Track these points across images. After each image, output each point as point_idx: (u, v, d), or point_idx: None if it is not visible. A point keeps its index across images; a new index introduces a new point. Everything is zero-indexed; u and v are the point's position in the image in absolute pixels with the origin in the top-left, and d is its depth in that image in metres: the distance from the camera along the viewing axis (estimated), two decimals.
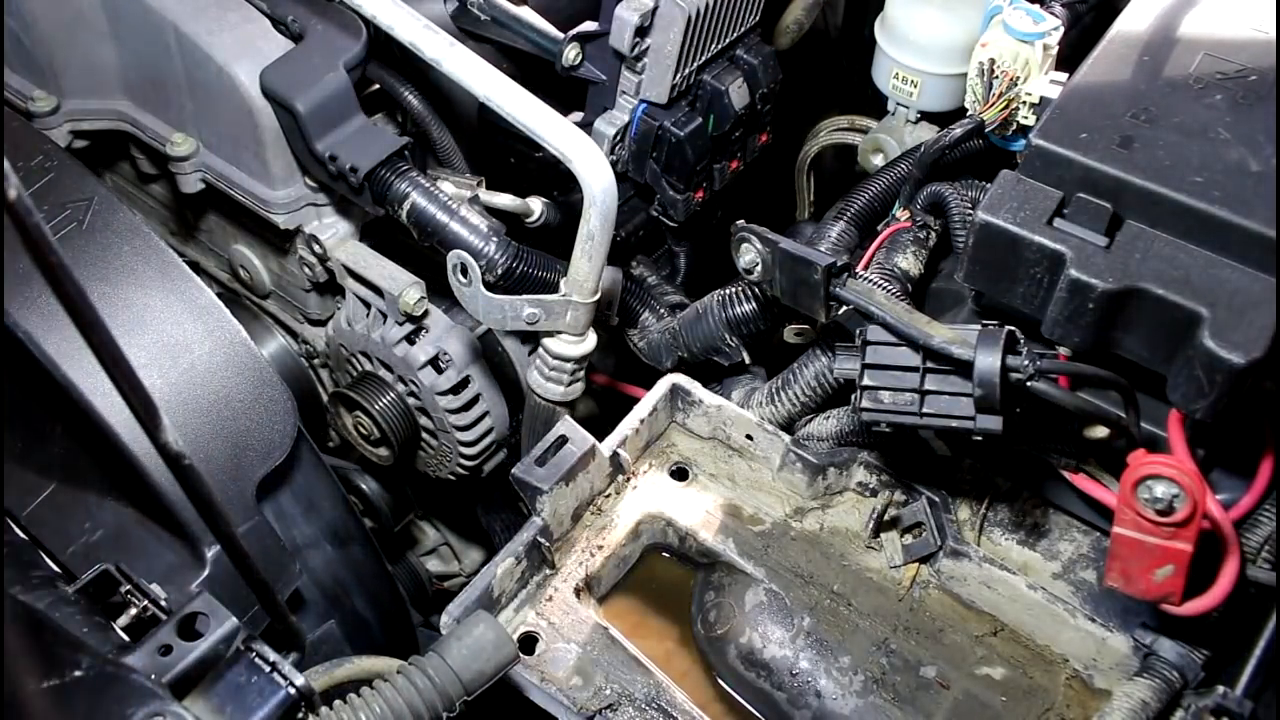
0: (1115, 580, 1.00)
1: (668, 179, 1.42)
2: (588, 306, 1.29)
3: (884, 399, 1.06)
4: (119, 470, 1.17)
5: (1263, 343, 0.89)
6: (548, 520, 1.16)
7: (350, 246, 1.42)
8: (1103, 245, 0.98)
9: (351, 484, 1.65)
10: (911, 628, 1.15)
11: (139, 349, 1.18)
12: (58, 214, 1.22)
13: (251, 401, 1.22)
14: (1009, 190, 1.04)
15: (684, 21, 1.28)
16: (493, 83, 1.22)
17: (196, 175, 1.40)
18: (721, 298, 1.35)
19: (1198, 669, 1.05)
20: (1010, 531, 1.21)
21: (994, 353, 0.98)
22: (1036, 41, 1.21)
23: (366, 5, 1.27)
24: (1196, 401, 0.93)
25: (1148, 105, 1.04)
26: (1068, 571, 1.18)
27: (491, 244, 1.28)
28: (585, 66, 1.37)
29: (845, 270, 1.13)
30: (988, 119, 1.26)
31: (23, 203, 0.68)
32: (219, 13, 1.33)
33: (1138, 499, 0.95)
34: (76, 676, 0.93)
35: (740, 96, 1.43)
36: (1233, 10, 1.13)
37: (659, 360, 1.45)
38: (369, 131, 1.31)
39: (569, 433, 1.18)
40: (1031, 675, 1.12)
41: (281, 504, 1.28)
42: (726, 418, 1.28)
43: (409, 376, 1.41)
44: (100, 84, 1.43)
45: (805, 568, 1.20)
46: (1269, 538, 1.04)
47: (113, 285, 1.20)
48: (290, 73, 1.28)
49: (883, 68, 1.54)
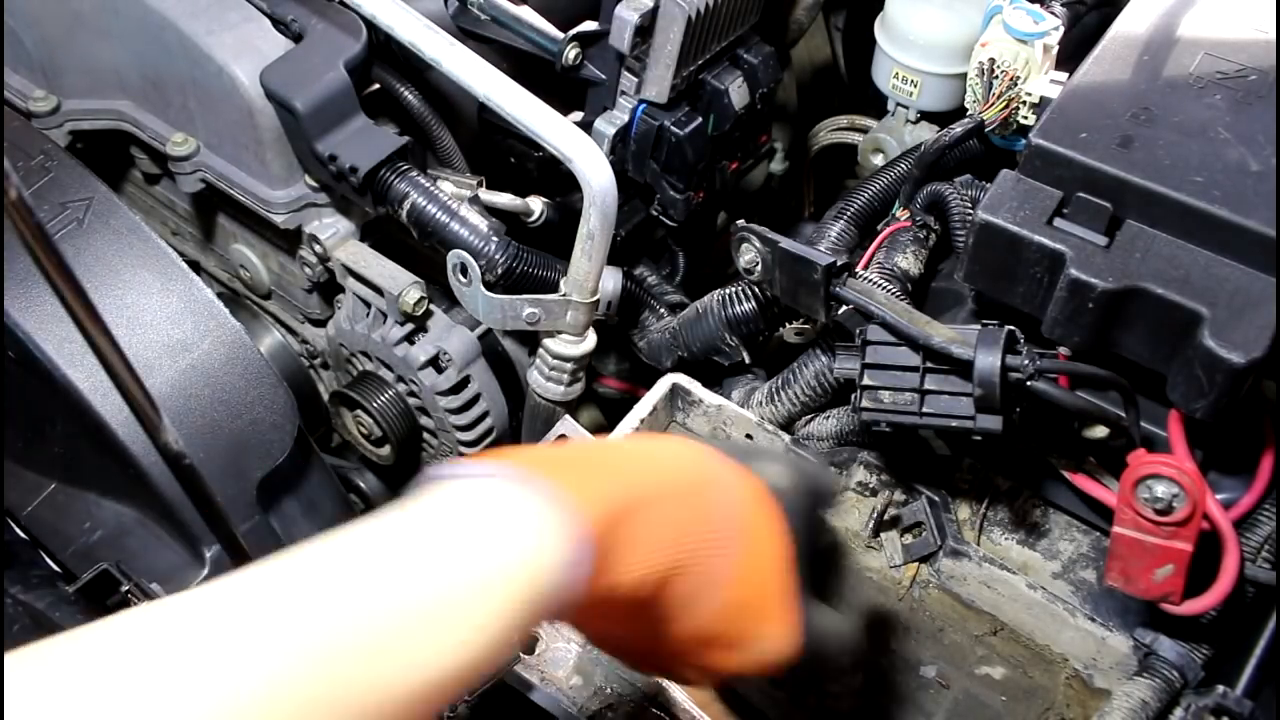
0: (1115, 580, 1.00)
1: (668, 179, 1.42)
2: (588, 306, 1.29)
3: (884, 399, 1.06)
4: (119, 470, 1.17)
5: (1263, 342, 0.89)
6: None
7: (350, 246, 1.42)
8: (1103, 245, 0.98)
9: (351, 483, 1.65)
10: (911, 627, 1.15)
11: (139, 348, 1.18)
12: (58, 214, 1.22)
13: (251, 401, 1.22)
14: (1009, 190, 1.04)
15: (684, 21, 1.28)
16: (493, 83, 1.22)
17: (196, 175, 1.40)
18: (721, 297, 1.35)
19: (1198, 668, 1.05)
20: (1010, 531, 1.21)
21: (994, 352, 0.98)
22: (1036, 41, 1.21)
23: (366, 5, 1.27)
24: (1196, 401, 0.93)
25: (1148, 105, 1.04)
26: (1067, 571, 1.18)
27: (491, 244, 1.28)
28: (585, 66, 1.37)
29: (845, 270, 1.13)
30: (988, 119, 1.26)
31: (23, 202, 0.68)
32: (219, 12, 1.33)
33: (1137, 498, 0.95)
34: None
35: (740, 96, 1.43)
36: (1233, 10, 1.13)
37: (659, 360, 1.45)
38: (369, 131, 1.31)
39: (569, 432, 1.18)
40: (1031, 675, 1.12)
41: (282, 504, 1.28)
42: (726, 417, 1.28)
43: (409, 376, 1.41)
44: (100, 84, 1.43)
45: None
46: (1269, 537, 1.04)
47: (112, 284, 1.20)
48: (290, 72, 1.28)
49: (883, 68, 1.54)
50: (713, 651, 0.77)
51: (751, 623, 0.76)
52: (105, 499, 1.26)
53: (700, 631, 0.75)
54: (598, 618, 0.74)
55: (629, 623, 0.74)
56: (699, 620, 0.74)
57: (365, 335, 1.42)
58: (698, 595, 0.73)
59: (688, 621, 0.74)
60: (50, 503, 1.26)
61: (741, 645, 0.77)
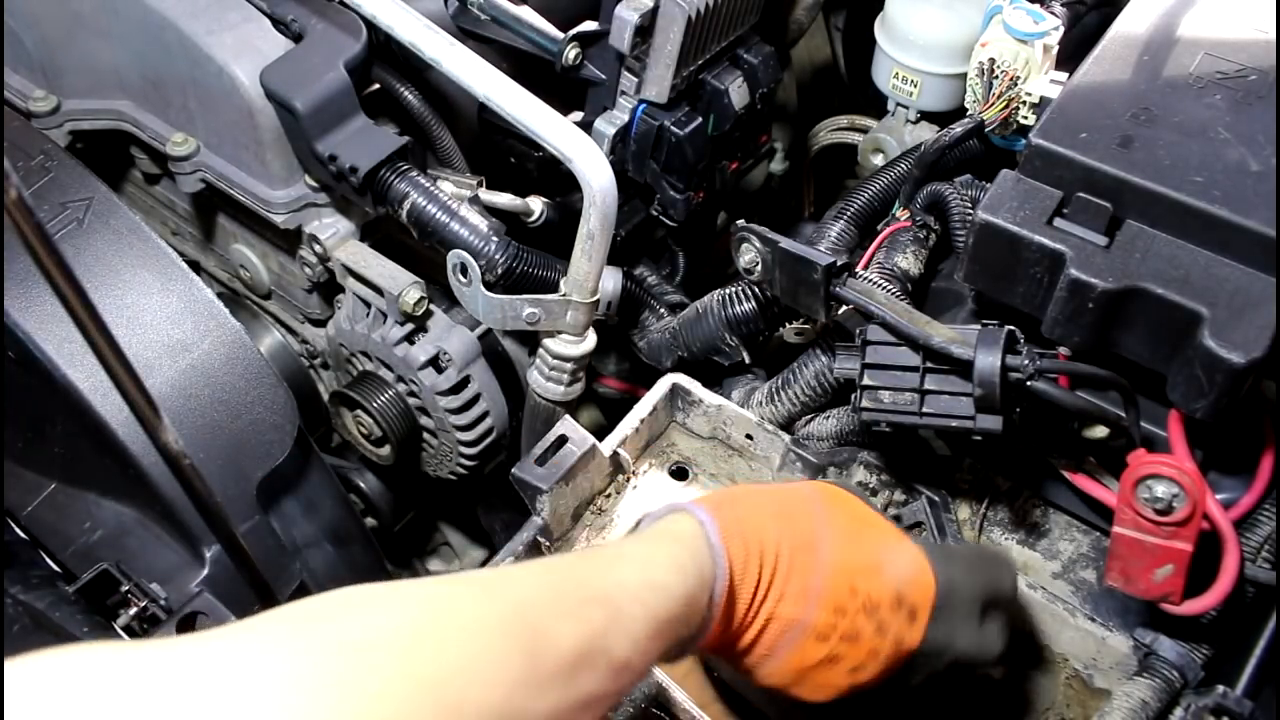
0: (1115, 580, 1.00)
1: (668, 179, 1.42)
2: (588, 306, 1.29)
3: (884, 399, 1.06)
4: (119, 470, 1.17)
5: (1263, 342, 0.89)
6: (548, 520, 1.16)
7: (350, 246, 1.42)
8: (1103, 245, 0.98)
9: (351, 483, 1.65)
10: None
11: (139, 348, 1.18)
12: (58, 214, 1.22)
13: (252, 401, 1.22)
14: (1009, 190, 1.04)
15: (684, 21, 1.28)
16: (493, 83, 1.22)
17: (196, 175, 1.40)
18: (721, 297, 1.35)
19: (1198, 668, 1.05)
20: (1010, 531, 1.21)
21: (994, 352, 0.98)
22: (1036, 41, 1.21)
23: (366, 5, 1.27)
24: (1196, 401, 0.93)
25: (1148, 105, 1.04)
26: (1068, 571, 1.18)
27: (491, 244, 1.28)
28: (585, 66, 1.37)
29: (845, 270, 1.13)
30: (988, 119, 1.26)
31: (23, 202, 0.68)
32: (219, 12, 1.33)
33: (1137, 498, 0.95)
34: None
35: (740, 96, 1.43)
36: (1233, 10, 1.13)
37: (659, 360, 1.45)
38: (369, 131, 1.31)
39: (569, 432, 1.18)
40: (1031, 675, 1.12)
41: (282, 504, 1.29)
42: (726, 417, 1.27)
43: (409, 376, 1.41)
44: (100, 84, 1.43)
45: None
46: (1269, 537, 1.04)
47: (112, 284, 1.20)
48: (290, 72, 1.28)
49: (883, 68, 1.54)
50: (859, 577, 0.91)
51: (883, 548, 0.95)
52: (105, 499, 1.26)
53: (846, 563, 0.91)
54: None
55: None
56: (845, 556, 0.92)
57: (365, 335, 1.42)
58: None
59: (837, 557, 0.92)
60: (50, 503, 1.26)
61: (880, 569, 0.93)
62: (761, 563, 0.87)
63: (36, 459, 1.28)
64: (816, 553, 0.90)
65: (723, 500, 0.92)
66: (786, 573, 0.88)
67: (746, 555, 0.87)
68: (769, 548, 0.88)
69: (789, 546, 0.89)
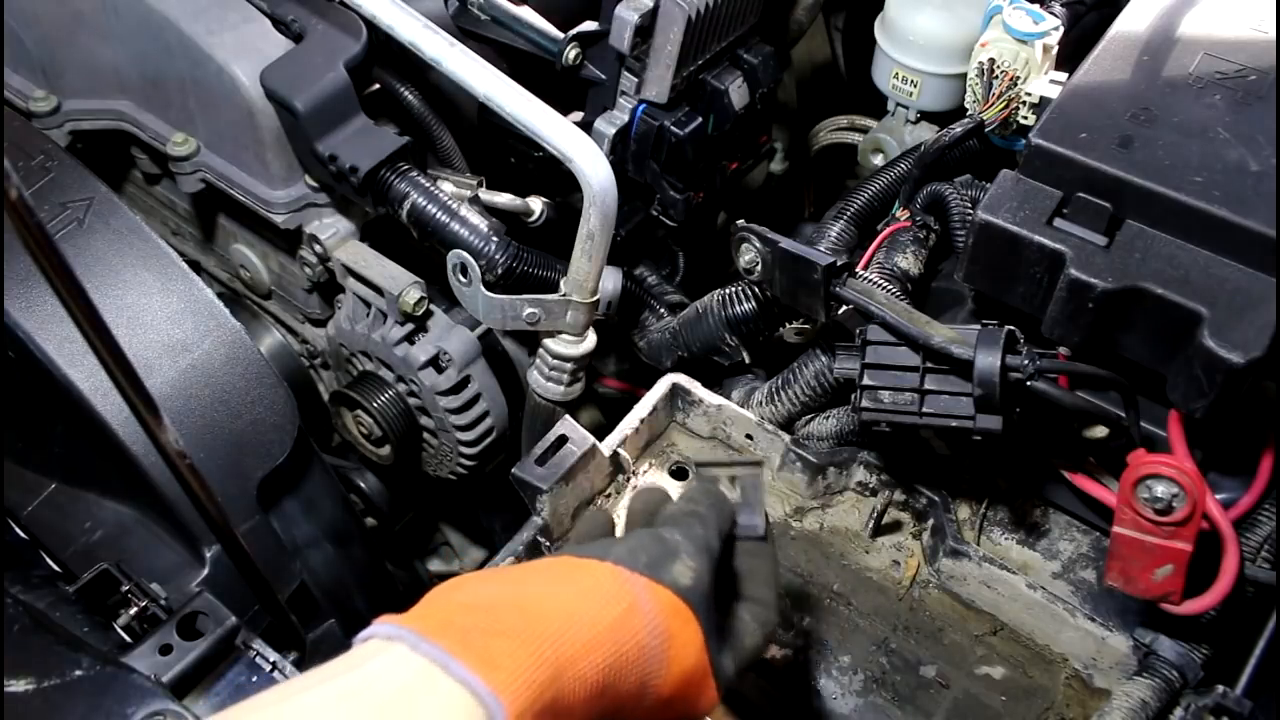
0: (1115, 580, 1.00)
1: (668, 179, 1.42)
2: (588, 306, 1.29)
3: (884, 399, 1.06)
4: (119, 470, 1.17)
5: (1262, 342, 0.89)
6: (548, 520, 1.16)
7: (350, 246, 1.42)
8: (1102, 245, 0.98)
9: (351, 483, 1.65)
10: (911, 627, 1.15)
11: (139, 348, 1.18)
12: (58, 214, 1.22)
13: (252, 401, 1.22)
14: (1009, 190, 1.04)
15: (684, 21, 1.28)
16: (493, 83, 1.22)
17: (197, 175, 1.40)
18: (721, 297, 1.35)
19: (1197, 668, 1.05)
20: (1010, 531, 1.22)
21: (994, 352, 0.98)
22: (1036, 41, 1.22)
23: (366, 5, 1.27)
24: (1196, 401, 0.93)
25: (1147, 105, 1.04)
26: (1067, 571, 1.18)
27: (491, 244, 1.28)
28: (585, 66, 1.37)
29: (845, 270, 1.13)
30: (988, 119, 1.26)
31: (23, 202, 0.68)
32: (219, 13, 1.33)
33: (1137, 498, 0.95)
34: (77, 676, 0.94)
35: (740, 96, 1.43)
36: (1233, 10, 1.13)
37: (659, 360, 1.45)
38: (369, 131, 1.31)
39: (569, 432, 1.18)
40: (1031, 674, 1.12)
41: (282, 503, 1.29)
42: (726, 417, 1.28)
43: (409, 376, 1.41)
44: (100, 84, 1.43)
45: (805, 567, 1.20)
46: (1268, 537, 1.04)
47: (113, 284, 1.20)
48: (290, 72, 1.28)
49: (883, 68, 1.54)
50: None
51: (690, 704, 0.83)
52: (105, 499, 1.26)
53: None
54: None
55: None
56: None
57: (365, 335, 1.42)
58: (639, 705, 0.79)
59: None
60: (50, 503, 1.26)
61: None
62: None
63: (36, 459, 1.28)
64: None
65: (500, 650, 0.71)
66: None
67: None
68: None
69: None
